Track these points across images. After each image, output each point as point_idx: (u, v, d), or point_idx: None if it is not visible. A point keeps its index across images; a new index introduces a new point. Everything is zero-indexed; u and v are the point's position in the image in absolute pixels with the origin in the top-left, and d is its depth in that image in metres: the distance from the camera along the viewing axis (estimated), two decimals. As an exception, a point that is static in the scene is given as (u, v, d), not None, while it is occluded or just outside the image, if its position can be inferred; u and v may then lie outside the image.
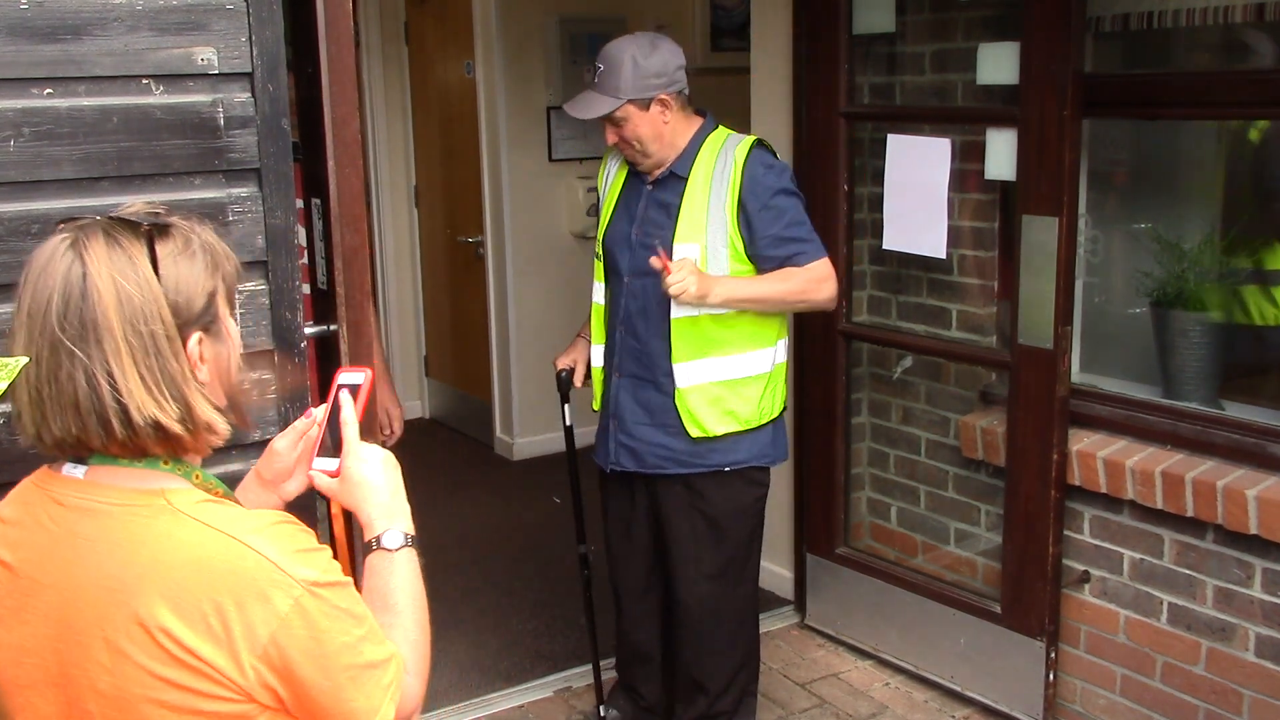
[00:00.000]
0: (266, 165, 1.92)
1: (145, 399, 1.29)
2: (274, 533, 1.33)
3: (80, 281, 1.28)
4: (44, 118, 1.76)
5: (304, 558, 1.32)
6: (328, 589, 1.32)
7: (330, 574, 1.34)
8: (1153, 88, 3.14)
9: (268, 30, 1.90)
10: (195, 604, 1.26)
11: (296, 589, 1.29)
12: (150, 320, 1.29)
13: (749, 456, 2.97)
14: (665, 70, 2.94)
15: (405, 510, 1.55)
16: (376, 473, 1.55)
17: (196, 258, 1.35)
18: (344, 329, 2.07)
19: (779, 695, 3.61)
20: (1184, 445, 3.04)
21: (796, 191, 2.92)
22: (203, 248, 1.37)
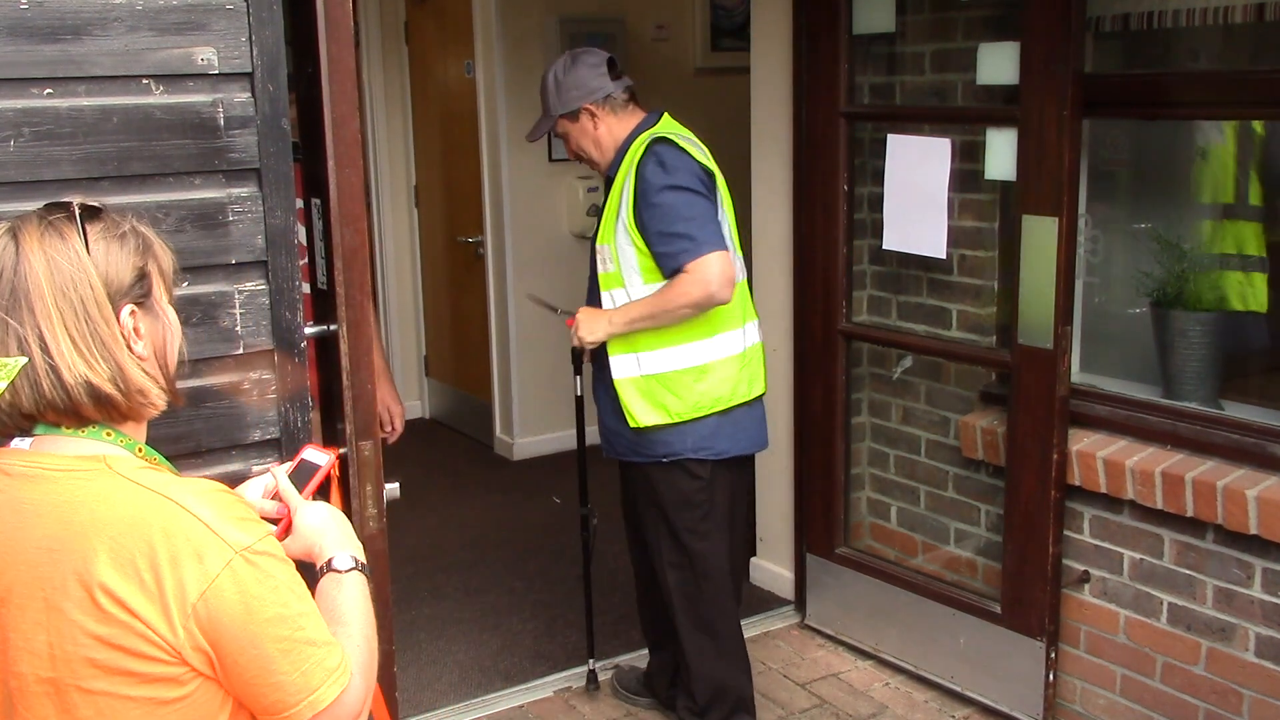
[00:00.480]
0: (266, 165, 1.92)
1: (75, 359, 1.34)
2: (211, 499, 1.37)
3: (14, 258, 1.35)
4: (44, 118, 1.76)
5: (241, 525, 1.36)
6: (264, 557, 1.35)
7: (268, 545, 1.37)
8: (1153, 88, 3.14)
9: (268, 30, 1.90)
10: (130, 557, 1.30)
11: (228, 552, 1.32)
12: (79, 286, 1.35)
13: (684, 449, 3.02)
14: (585, 83, 3.12)
15: (356, 544, 1.59)
16: (323, 519, 1.60)
17: (126, 239, 1.42)
18: (344, 329, 2.07)
19: (779, 695, 3.61)
20: (1184, 445, 3.04)
21: (687, 187, 2.90)
22: (133, 232, 1.44)
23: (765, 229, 4.06)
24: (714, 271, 2.84)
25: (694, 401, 3.00)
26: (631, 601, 4.21)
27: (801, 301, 3.87)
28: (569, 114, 3.13)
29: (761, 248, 4.10)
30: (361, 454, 2.11)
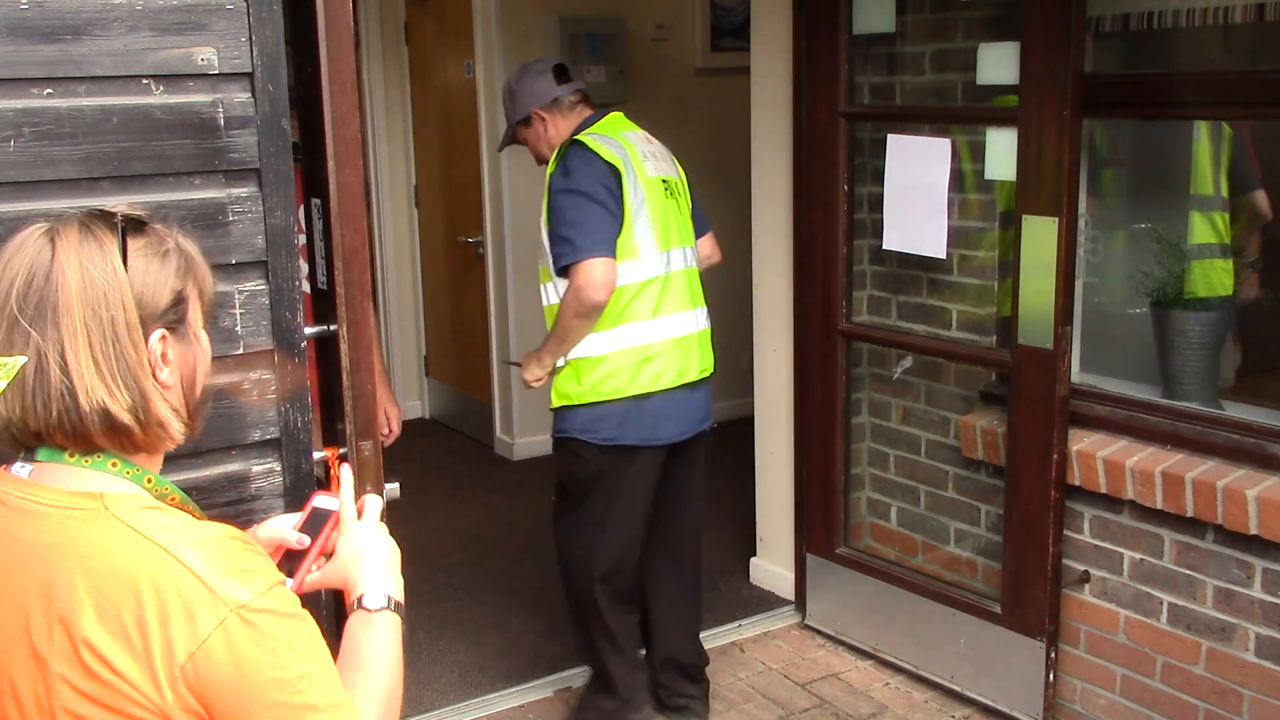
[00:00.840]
0: (266, 165, 1.92)
1: (96, 383, 1.25)
2: (213, 548, 1.26)
3: (47, 264, 1.26)
4: (44, 118, 1.76)
5: (241, 578, 1.25)
6: (265, 615, 1.24)
7: (273, 601, 1.26)
8: (1153, 88, 3.14)
9: (268, 30, 1.90)
10: (116, 612, 1.21)
11: (223, 610, 1.22)
12: (112, 306, 1.27)
13: (570, 428, 3.20)
14: (532, 89, 3.29)
15: (396, 581, 1.49)
16: (362, 547, 1.51)
17: (169, 258, 1.34)
18: (344, 329, 2.07)
19: (779, 695, 3.61)
20: (1184, 445, 3.04)
21: (580, 190, 3.05)
22: (177, 251, 1.36)
23: (765, 229, 4.06)
24: (584, 278, 3.00)
25: (590, 386, 3.15)
26: (631, 601, 4.21)
27: (801, 301, 3.88)
28: (523, 120, 3.32)
29: (761, 248, 4.10)
30: (361, 454, 2.11)
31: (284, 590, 1.29)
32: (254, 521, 1.99)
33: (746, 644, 3.93)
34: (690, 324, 3.23)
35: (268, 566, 1.30)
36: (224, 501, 1.96)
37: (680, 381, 3.19)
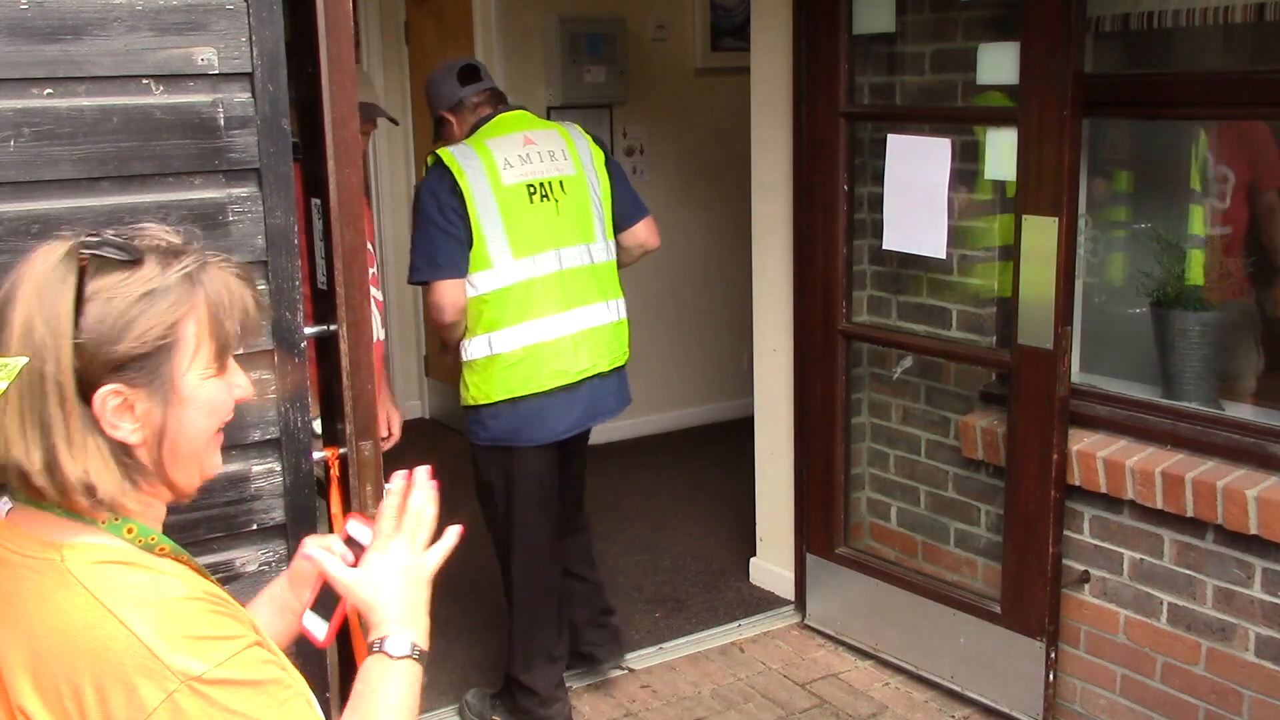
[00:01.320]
0: (266, 165, 1.92)
1: (16, 438, 1.15)
2: (165, 612, 1.15)
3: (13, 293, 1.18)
4: (44, 118, 1.76)
5: (193, 646, 1.13)
6: (218, 687, 1.12)
7: (233, 670, 1.14)
8: (1153, 88, 3.14)
9: (268, 30, 1.90)
10: (53, 681, 1.12)
11: (172, 682, 1.11)
12: (47, 359, 1.15)
13: (467, 429, 3.39)
14: (440, 93, 3.36)
15: (423, 624, 1.38)
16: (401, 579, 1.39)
17: (155, 299, 1.19)
18: (344, 329, 2.07)
19: (779, 695, 3.61)
20: (1184, 445, 3.04)
21: (424, 214, 3.15)
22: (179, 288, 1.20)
23: (765, 229, 4.06)
24: (430, 300, 3.17)
25: (478, 388, 3.28)
26: (633, 602, 4.22)
27: (801, 301, 3.87)
28: (437, 121, 3.38)
29: (761, 248, 4.10)
30: (361, 454, 2.11)
31: (251, 655, 1.17)
32: (254, 521, 1.99)
33: (746, 644, 3.93)
34: (595, 317, 3.29)
35: (234, 631, 1.18)
36: (224, 501, 1.96)
37: (587, 374, 3.27)
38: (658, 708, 3.56)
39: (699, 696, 3.62)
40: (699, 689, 3.66)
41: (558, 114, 5.56)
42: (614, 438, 5.88)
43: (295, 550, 2.02)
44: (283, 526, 2.02)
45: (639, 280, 5.91)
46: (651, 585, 4.37)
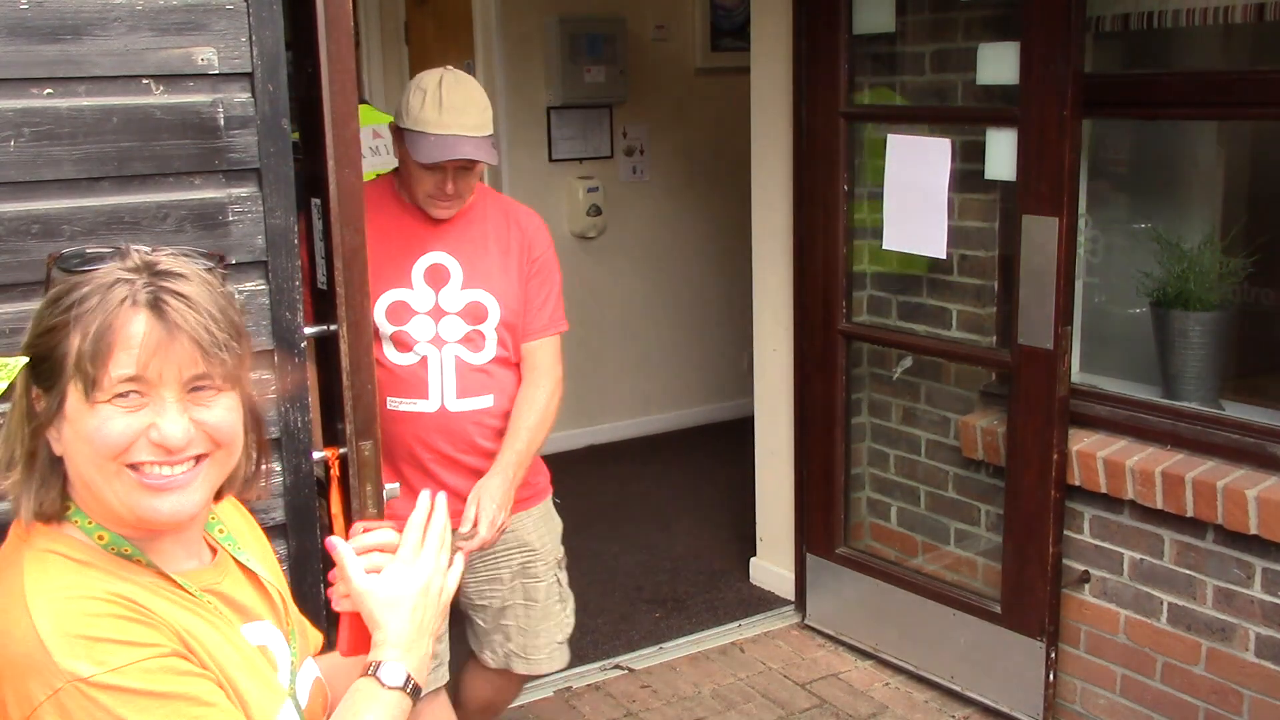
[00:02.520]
0: (266, 165, 1.92)
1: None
2: (70, 610, 1.14)
3: None
4: (44, 118, 1.76)
5: (87, 648, 1.12)
6: (110, 693, 1.11)
7: (124, 677, 1.12)
8: (1153, 88, 3.13)
9: (268, 30, 1.90)
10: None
11: (58, 681, 1.10)
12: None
13: None
14: None
15: (424, 653, 1.35)
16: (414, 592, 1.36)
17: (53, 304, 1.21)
18: (344, 329, 2.07)
19: (779, 695, 3.61)
20: (1184, 445, 3.04)
21: None
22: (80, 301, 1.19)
23: (765, 229, 4.06)
24: None
25: None
26: (633, 602, 4.22)
27: (801, 301, 3.87)
28: None
29: (761, 248, 4.10)
30: (361, 454, 2.11)
31: (158, 665, 1.15)
32: (254, 521, 1.99)
33: (746, 644, 3.93)
34: None
35: (144, 639, 1.16)
36: (224, 501, 1.95)
37: None
38: (658, 708, 3.56)
39: (699, 696, 3.62)
40: (699, 689, 3.66)
41: (558, 114, 5.58)
42: (614, 438, 5.88)
43: (295, 550, 2.03)
44: (283, 526, 2.02)
45: (639, 280, 5.93)
46: (651, 585, 4.37)
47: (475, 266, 2.59)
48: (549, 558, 2.78)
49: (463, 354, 2.58)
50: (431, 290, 2.57)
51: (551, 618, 2.80)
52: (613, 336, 5.85)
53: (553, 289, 2.69)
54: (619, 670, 3.76)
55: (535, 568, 2.75)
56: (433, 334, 2.56)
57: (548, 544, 2.78)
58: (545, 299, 2.67)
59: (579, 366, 5.79)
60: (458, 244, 2.60)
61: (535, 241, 2.67)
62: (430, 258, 2.58)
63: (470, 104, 2.50)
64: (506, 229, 2.64)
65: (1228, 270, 3.20)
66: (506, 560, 2.72)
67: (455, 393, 2.58)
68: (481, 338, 2.59)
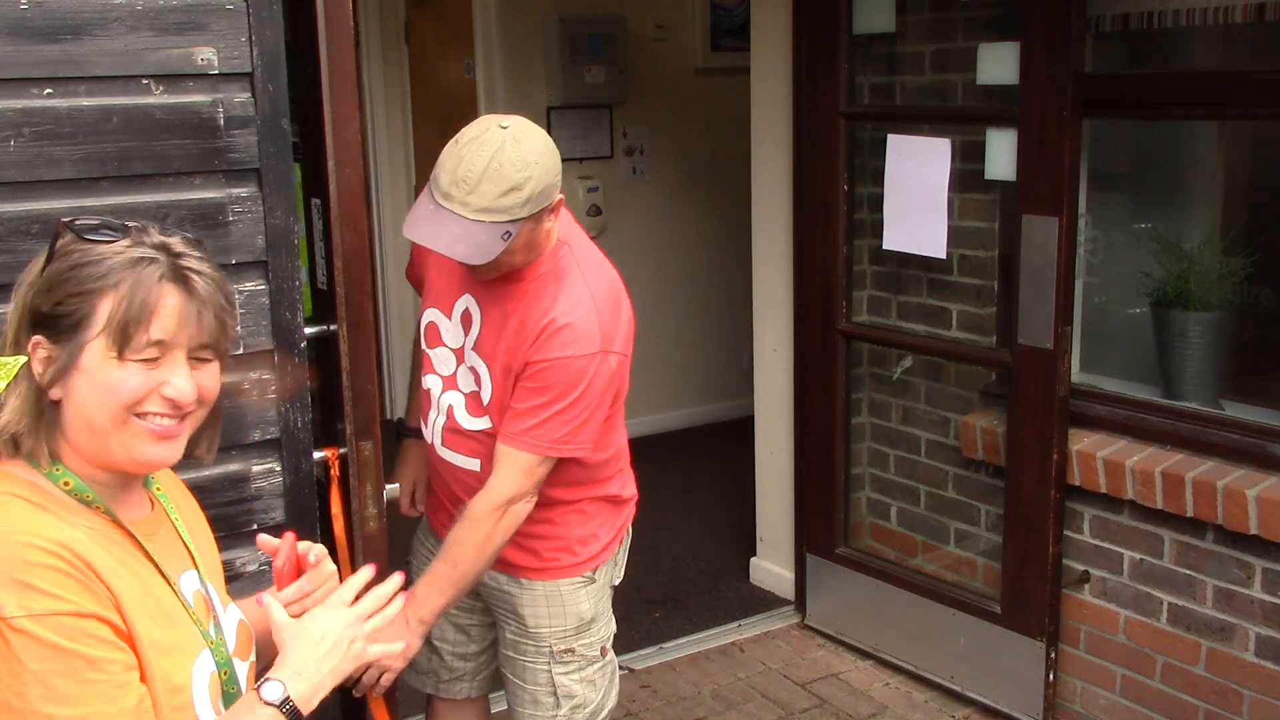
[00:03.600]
0: (266, 165, 1.92)
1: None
2: (14, 553, 1.22)
3: None
4: (44, 118, 1.76)
5: (16, 591, 1.20)
6: (22, 637, 1.19)
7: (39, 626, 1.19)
8: (1153, 88, 3.13)
9: (268, 30, 1.90)
10: None
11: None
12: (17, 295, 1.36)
13: None
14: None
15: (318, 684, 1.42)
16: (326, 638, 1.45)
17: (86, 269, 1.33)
18: (344, 329, 2.07)
19: (779, 695, 3.61)
20: (1184, 445, 3.04)
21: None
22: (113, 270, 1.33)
23: (765, 229, 4.06)
24: None
25: None
26: (633, 602, 4.22)
27: (801, 301, 3.87)
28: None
29: (761, 248, 4.10)
30: (361, 454, 2.11)
31: (75, 624, 1.22)
32: (254, 520, 2.00)
33: (746, 644, 3.93)
34: None
35: (72, 595, 1.23)
36: (224, 501, 1.96)
37: None
38: (658, 708, 3.56)
39: (699, 696, 3.62)
40: (699, 689, 3.66)
41: (558, 114, 5.58)
42: (614, 438, 5.88)
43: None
44: (283, 526, 2.02)
45: (639, 280, 5.93)
46: (651, 585, 4.37)
47: (488, 332, 2.23)
48: (543, 644, 2.37)
49: (457, 407, 2.29)
50: (463, 331, 2.27)
51: (539, 708, 2.39)
52: (613, 336, 5.84)
53: (547, 405, 2.16)
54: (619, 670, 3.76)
55: (525, 646, 2.38)
56: (450, 372, 2.30)
57: (544, 628, 2.36)
58: (529, 410, 2.17)
59: (579, 366, 5.78)
60: (487, 301, 2.23)
61: (547, 344, 2.15)
62: (466, 300, 2.26)
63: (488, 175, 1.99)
64: (540, 314, 2.17)
65: (1228, 270, 3.20)
66: (504, 620, 2.43)
67: (441, 441, 2.32)
68: (479, 405, 2.27)
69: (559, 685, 2.39)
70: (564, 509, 2.35)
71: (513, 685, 2.43)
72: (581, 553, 2.39)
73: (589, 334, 2.17)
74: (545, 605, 2.37)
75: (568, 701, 2.39)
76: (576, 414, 2.17)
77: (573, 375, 2.15)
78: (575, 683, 2.39)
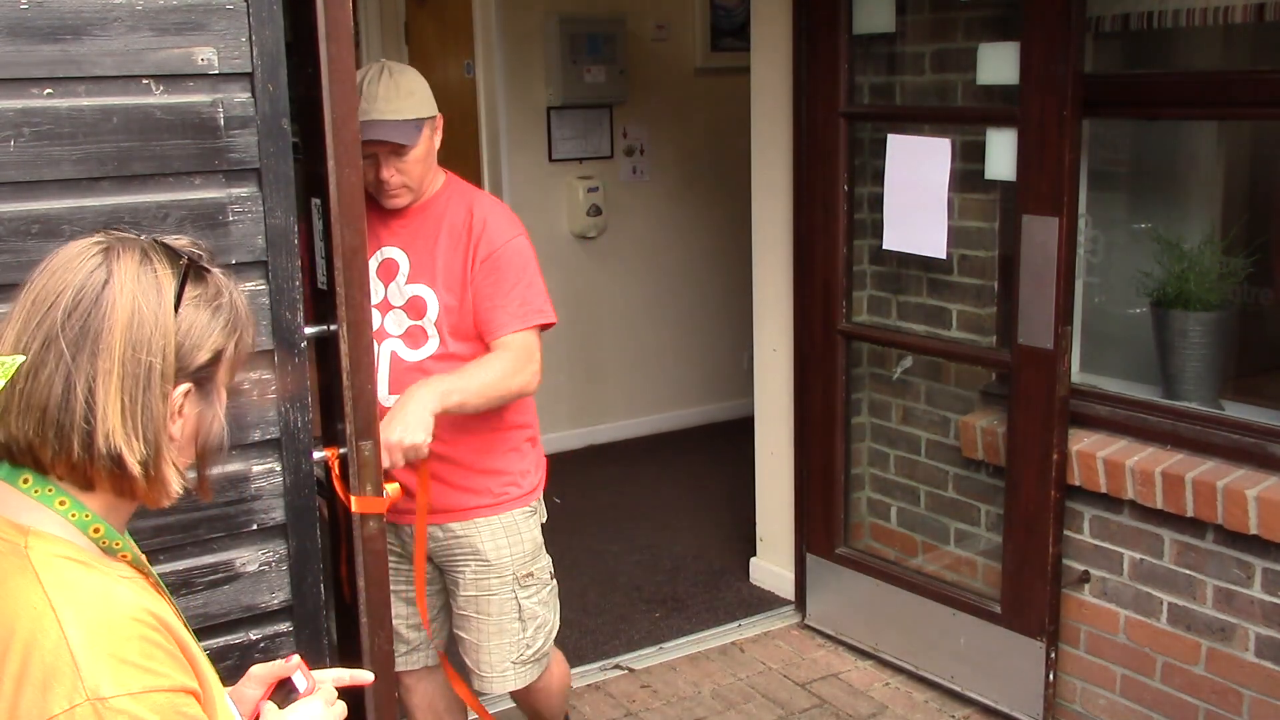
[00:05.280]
0: (266, 165, 1.92)
1: (118, 428, 1.20)
2: (106, 627, 1.16)
3: (99, 287, 1.21)
4: (44, 118, 1.76)
5: (116, 669, 1.14)
6: (117, 716, 1.12)
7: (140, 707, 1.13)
8: (1153, 88, 3.14)
9: (268, 30, 1.90)
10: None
11: (79, 695, 1.11)
12: (153, 352, 1.22)
13: None
14: None
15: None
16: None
17: (219, 313, 1.29)
18: (344, 329, 2.07)
19: (779, 695, 3.61)
20: (1184, 445, 3.04)
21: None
22: (229, 306, 1.30)
23: (765, 229, 4.06)
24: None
25: None
26: (633, 602, 4.22)
27: (801, 301, 3.87)
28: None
29: (761, 247, 4.10)
30: (361, 454, 2.11)
31: (167, 701, 1.16)
32: (254, 521, 2.00)
33: (746, 644, 3.93)
34: None
35: (163, 669, 1.18)
36: (224, 501, 1.96)
37: None
38: (658, 708, 3.56)
39: (699, 696, 3.62)
40: (699, 689, 3.66)
41: (557, 114, 5.58)
42: (614, 437, 5.88)
43: (295, 550, 2.03)
44: (283, 526, 2.02)
45: (639, 280, 5.93)
46: (651, 585, 4.37)
47: (421, 260, 2.58)
48: (505, 572, 2.64)
49: (399, 349, 2.57)
50: (382, 284, 2.59)
51: (505, 635, 2.66)
52: (613, 336, 5.85)
53: (515, 283, 2.57)
54: (619, 670, 3.76)
55: (488, 581, 2.64)
56: (377, 326, 2.54)
57: (505, 558, 2.64)
58: (506, 294, 2.55)
59: (579, 366, 5.79)
60: (411, 238, 2.60)
61: (486, 238, 2.56)
62: (384, 253, 2.61)
63: (392, 91, 2.51)
64: (464, 222, 2.59)
65: (1228, 270, 3.20)
66: (463, 563, 2.66)
67: (388, 388, 2.54)
68: (423, 333, 2.57)
69: (524, 609, 2.67)
70: (505, 449, 2.67)
71: (475, 623, 2.67)
72: (525, 485, 2.70)
73: (510, 220, 2.66)
74: (504, 536, 2.65)
75: (532, 623, 2.69)
76: (535, 282, 2.61)
77: (518, 253, 2.60)
78: (536, 604, 2.70)
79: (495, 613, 2.65)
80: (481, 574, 2.64)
